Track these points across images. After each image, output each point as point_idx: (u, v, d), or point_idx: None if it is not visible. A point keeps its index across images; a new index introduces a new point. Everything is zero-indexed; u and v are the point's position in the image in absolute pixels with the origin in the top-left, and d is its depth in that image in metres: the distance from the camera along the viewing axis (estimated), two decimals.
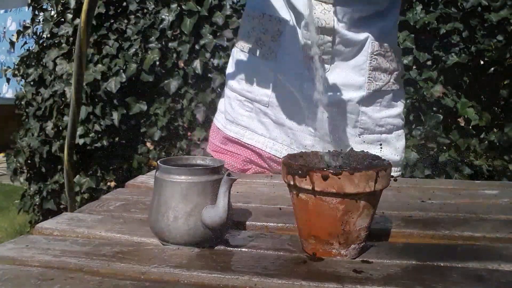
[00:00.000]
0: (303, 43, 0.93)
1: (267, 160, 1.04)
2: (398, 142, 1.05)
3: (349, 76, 0.95)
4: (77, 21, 2.33)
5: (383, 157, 0.60)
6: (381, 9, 0.96)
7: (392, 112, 1.02)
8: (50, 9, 2.48)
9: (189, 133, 2.28)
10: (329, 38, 0.92)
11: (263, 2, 0.99)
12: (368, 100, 0.98)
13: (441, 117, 2.04)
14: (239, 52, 1.05)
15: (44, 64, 2.45)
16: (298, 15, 0.93)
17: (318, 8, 0.91)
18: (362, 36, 0.94)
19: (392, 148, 1.03)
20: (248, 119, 1.04)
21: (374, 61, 0.96)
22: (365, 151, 0.63)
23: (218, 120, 1.13)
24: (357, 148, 0.66)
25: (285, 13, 0.96)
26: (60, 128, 2.40)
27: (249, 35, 1.01)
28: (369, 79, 0.96)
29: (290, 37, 0.95)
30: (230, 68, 1.10)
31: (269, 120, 1.02)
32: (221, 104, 1.14)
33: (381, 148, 0.99)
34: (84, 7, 0.87)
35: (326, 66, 0.94)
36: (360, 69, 0.95)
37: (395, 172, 1.05)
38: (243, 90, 1.04)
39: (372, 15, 0.95)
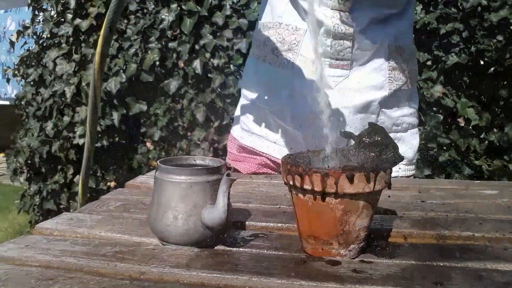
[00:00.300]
0: (322, 51, 0.94)
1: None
2: (413, 140, 1.05)
3: (370, 77, 0.96)
4: (77, 21, 2.33)
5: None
6: (397, 11, 0.97)
7: (409, 111, 1.03)
8: (50, 9, 2.48)
9: (188, 133, 2.28)
10: (349, 44, 0.94)
11: (280, 11, 0.99)
12: (389, 99, 0.98)
13: (441, 117, 2.04)
14: (255, 61, 1.06)
15: (44, 64, 2.45)
16: (315, 23, 0.93)
17: (336, 16, 0.92)
18: (379, 39, 0.95)
19: (407, 146, 1.04)
20: (263, 128, 1.05)
21: (392, 61, 0.97)
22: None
23: (234, 130, 1.14)
24: None
25: (302, 22, 0.96)
26: (60, 128, 2.40)
27: (265, 44, 1.01)
28: (389, 79, 0.97)
29: (307, 46, 0.96)
30: (245, 77, 1.11)
31: (284, 129, 1.02)
32: (237, 113, 1.15)
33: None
34: (98, 49, 0.86)
35: (345, 71, 0.96)
36: (380, 70, 0.96)
37: (409, 171, 1.06)
38: (259, 99, 1.05)
39: (388, 17, 0.96)
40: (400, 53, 0.98)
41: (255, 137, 1.06)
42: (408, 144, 1.04)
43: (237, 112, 1.15)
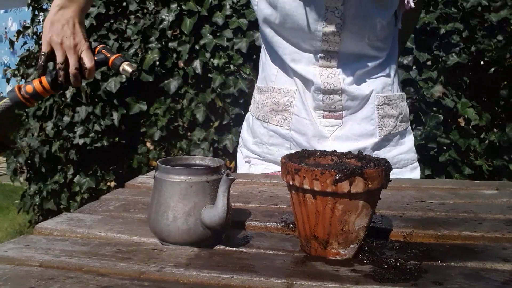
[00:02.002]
0: (315, 105, 1.00)
1: None
2: (412, 174, 1.10)
3: (361, 126, 1.01)
4: None
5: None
6: (381, 62, 1.02)
7: (403, 148, 1.07)
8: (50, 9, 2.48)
9: (188, 133, 2.28)
10: (339, 97, 0.98)
11: (272, 76, 1.06)
12: (381, 144, 1.03)
13: (442, 117, 2.04)
14: (255, 120, 1.11)
15: None
16: (306, 82, 0.99)
17: (325, 73, 0.97)
18: (367, 90, 1.00)
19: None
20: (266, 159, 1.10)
21: (381, 110, 1.02)
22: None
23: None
24: None
25: (292, 84, 1.02)
26: (60, 128, 2.40)
27: (263, 105, 1.07)
28: (379, 127, 1.02)
29: (300, 105, 1.01)
30: (245, 132, 1.16)
31: None
32: (239, 159, 1.19)
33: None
34: None
35: (339, 121, 1.01)
36: (370, 119, 1.01)
37: None
38: (260, 152, 1.10)
39: (373, 68, 1.01)
40: (387, 102, 1.03)
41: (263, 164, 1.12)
42: (407, 177, 1.08)
43: (238, 157, 1.19)
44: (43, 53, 0.93)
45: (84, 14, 0.97)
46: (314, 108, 1.00)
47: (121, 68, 0.92)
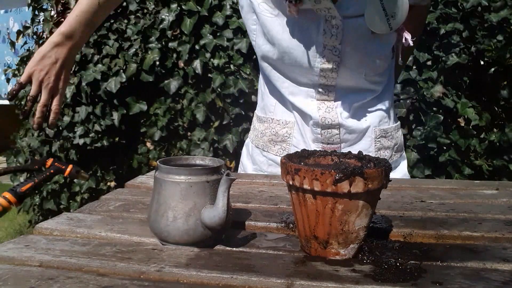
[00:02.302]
0: (313, 138, 1.01)
1: None
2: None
3: None
4: None
5: None
6: (378, 94, 1.03)
7: (397, 175, 1.08)
8: (50, 9, 2.48)
9: (188, 133, 2.28)
10: (336, 131, 0.99)
11: (271, 107, 1.06)
12: None
13: (442, 117, 2.04)
14: (254, 147, 1.12)
15: None
16: (304, 115, 1.00)
17: (323, 107, 0.98)
18: (364, 124, 1.01)
19: None
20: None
21: (378, 143, 1.03)
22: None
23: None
24: None
25: (291, 116, 1.03)
26: (60, 128, 2.40)
27: (262, 135, 1.08)
28: None
29: (299, 136, 1.03)
30: (245, 158, 1.17)
31: None
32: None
33: None
34: None
35: None
36: (367, 152, 1.01)
37: None
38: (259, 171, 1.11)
39: (370, 101, 1.02)
40: (384, 135, 1.04)
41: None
42: None
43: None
44: (20, 82, 0.97)
45: (77, 52, 1.02)
46: (313, 140, 1.01)
47: (79, 176, 1.01)
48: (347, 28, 0.91)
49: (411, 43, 0.96)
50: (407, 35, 0.96)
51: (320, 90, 0.98)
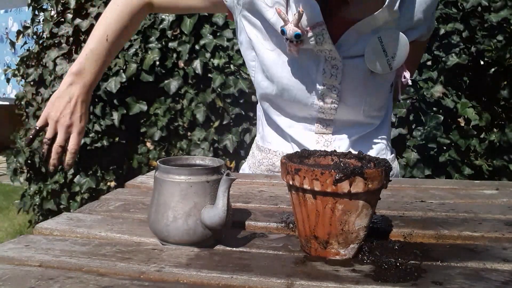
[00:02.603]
0: None
1: None
2: None
3: None
4: (77, 21, 2.33)
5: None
6: (375, 127, 1.03)
7: None
8: (50, 9, 2.48)
9: (188, 133, 2.28)
10: None
11: (269, 138, 1.07)
12: None
13: (442, 118, 2.04)
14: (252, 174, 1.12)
15: (44, 64, 2.45)
16: (302, 148, 1.00)
17: (321, 141, 0.99)
18: None
19: None
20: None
21: None
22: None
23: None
24: None
25: (289, 148, 1.03)
26: None
27: (260, 164, 1.08)
28: None
29: None
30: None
31: None
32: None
33: None
34: None
35: None
36: None
37: None
38: None
39: (368, 134, 1.02)
40: None
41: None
42: None
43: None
44: (36, 127, 0.95)
45: (92, 89, 1.00)
46: None
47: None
48: (347, 68, 0.92)
49: (410, 82, 0.97)
50: (406, 74, 0.96)
51: (318, 124, 0.99)
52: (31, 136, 0.95)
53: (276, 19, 0.90)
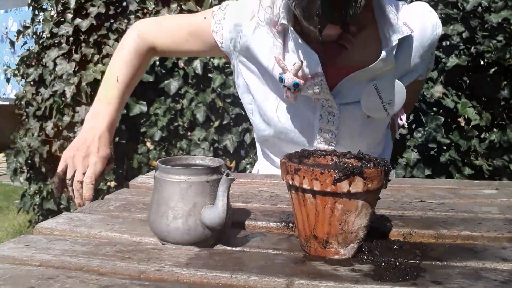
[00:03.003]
0: None
1: None
2: None
3: None
4: (77, 21, 2.33)
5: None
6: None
7: None
8: (50, 9, 2.48)
9: (188, 133, 2.28)
10: None
11: (266, 169, 1.08)
12: None
13: (442, 119, 2.04)
14: None
15: (44, 64, 2.45)
16: None
17: None
18: None
19: None
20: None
21: None
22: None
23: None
24: None
25: None
26: (60, 128, 2.40)
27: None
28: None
29: None
30: None
31: None
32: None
33: None
34: None
35: None
36: None
37: None
38: None
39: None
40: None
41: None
42: None
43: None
44: (58, 174, 0.93)
45: (111, 130, 0.97)
46: None
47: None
48: (344, 114, 0.93)
49: (406, 125, 0.98)
50: (403, 116, 0.97)
51: None
52: (56, 184, 0.92)
53: (273, 65, 0.91)
